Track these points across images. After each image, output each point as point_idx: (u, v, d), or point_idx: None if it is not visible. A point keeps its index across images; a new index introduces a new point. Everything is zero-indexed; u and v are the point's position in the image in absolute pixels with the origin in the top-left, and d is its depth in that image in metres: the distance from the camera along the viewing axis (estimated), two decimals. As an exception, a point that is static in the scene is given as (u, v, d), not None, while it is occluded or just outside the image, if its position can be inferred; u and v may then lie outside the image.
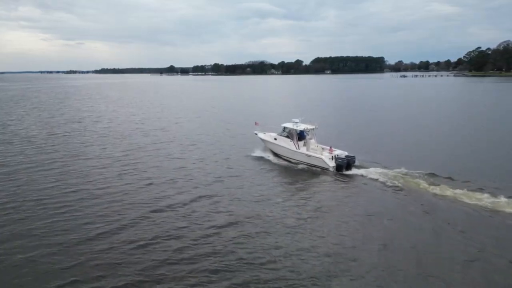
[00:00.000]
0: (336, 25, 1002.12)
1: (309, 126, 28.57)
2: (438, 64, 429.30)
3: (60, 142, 35.69)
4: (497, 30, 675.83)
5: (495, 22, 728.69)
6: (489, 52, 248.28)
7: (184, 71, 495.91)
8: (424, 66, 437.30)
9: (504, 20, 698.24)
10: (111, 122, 49.27)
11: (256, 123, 33.56)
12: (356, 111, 62.81)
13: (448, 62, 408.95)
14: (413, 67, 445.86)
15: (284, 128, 29.63)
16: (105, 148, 33.10)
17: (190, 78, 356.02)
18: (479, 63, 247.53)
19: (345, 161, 25.22)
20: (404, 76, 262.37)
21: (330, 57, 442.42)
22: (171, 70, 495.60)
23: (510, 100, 78.12)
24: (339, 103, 77.40)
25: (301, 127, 28.29)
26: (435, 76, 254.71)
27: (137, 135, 39.58)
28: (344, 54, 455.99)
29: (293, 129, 28.36)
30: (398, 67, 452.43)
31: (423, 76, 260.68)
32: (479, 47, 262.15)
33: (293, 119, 29.35)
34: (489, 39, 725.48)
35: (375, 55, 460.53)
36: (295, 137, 28.10)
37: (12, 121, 49.42)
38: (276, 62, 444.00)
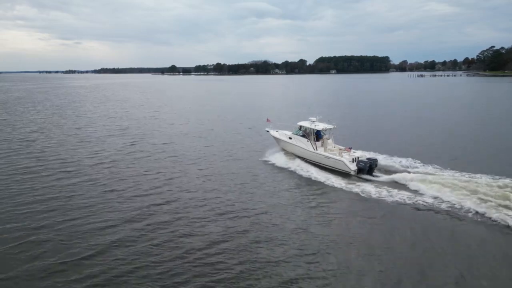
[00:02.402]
0: (334, 25, 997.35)
1: (328, 126, 26.71)
2: (444, 63, 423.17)
3: (122, 173, 25.01)
4: (494, 30, 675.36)
5: (492, 22, 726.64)
6: (503, 52, 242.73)
7: (186, 70, 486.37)
8: (430, 66, 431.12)
9: (502, 20, 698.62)
10: (172, 142, 37.33)
11: (267, 120, 31.62)
12: (395, 115, 53.04)
13: (454, 61, 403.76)
14: (418, 67, 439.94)
15: (301, 126, 27.88)
16: (197, 189, 22.81)
17: (194, 78, 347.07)
18: (494, 62, 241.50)
19: (368, 165, 23.32)
20: (422, 76, 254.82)
21: (335, 57, 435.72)
22: (172, 69, 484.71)
23: None
24: (376, 108, 67.29)
25: (319, 126, 26.55)
26: (454, 75, 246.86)
27: (220, 159, 29.57)
28: (342, 54, 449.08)
29: (310, 128, 26.79)
30: (404, 67, 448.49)
31: (441, 75, 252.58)
32: (493, 46, 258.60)
33: (310, 118, 27.76)
34: (487, 38, 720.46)
35: (372, 54, 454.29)
36: (312, 137, 26.65)
37: (35, 134, 38.94)
38: (275, 62, 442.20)
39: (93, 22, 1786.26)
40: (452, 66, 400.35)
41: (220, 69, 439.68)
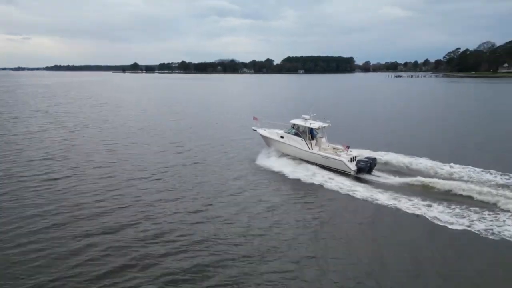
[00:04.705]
0: (295, 25, 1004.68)
1: (323, 124, 25.36)
2: (405, 65, 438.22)
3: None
4: (445, 34, 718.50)
5: (443, 27, 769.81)
6: (468, 53, 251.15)
7: (149, 68, 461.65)
8: (392, 67, 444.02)
9: (452, 25, 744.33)
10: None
11: (254, 118, 30.16)
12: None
13: (415, 63, 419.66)
14: (381, 68, 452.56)
15: (294, 125, 26.46)
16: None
17: (160, 76, 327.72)
18: (461, 64, 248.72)
19: (368, 164, 22.20)
20: (399, 76, 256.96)
21: (302, 57, 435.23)
22: (134, 67, 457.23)
23: None
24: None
25: (315, 124, 25.23)
26: (430, 76, 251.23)
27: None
28: (304, 54, 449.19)
29: (305, 126, 25.44)
30: (368, 67, 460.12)
31: (418, 76, 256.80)
32: (458, 48, 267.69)
33: (303, 116, 26.39)
34: (439, 41, 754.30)
35: (332, 54, 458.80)
36: (307, 136, 25.29)
37: (49, 163, 24.37)
38: (242, 61, 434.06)
39: (43, 16, 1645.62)
40: (413, 67, 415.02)
41: (185, 67, 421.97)
